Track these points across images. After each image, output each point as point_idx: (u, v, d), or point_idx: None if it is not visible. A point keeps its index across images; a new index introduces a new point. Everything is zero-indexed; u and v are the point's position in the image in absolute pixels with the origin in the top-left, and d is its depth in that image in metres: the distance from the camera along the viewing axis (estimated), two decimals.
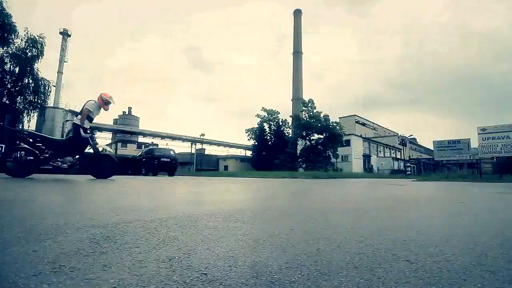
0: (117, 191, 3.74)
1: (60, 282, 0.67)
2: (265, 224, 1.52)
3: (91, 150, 6.10)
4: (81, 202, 2.43)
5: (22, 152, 5.58)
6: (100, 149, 6.39)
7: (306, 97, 42.74)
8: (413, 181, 15.06)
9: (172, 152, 17.08)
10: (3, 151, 16.96)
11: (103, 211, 1.79)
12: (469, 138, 17.44)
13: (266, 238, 1.19)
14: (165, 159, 15.97)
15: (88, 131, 5.90)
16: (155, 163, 15.54)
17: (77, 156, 6.07)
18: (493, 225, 1.75)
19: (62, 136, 39.28)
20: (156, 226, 1.36)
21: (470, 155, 17.49)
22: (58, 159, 5.85)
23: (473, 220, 1.92)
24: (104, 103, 5.76)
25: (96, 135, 6.44)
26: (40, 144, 5.69)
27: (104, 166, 6.18)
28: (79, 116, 5.91)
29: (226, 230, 1.33)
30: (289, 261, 0.88)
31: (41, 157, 5.59)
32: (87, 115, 5.78)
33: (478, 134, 16.34)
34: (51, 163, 5.81)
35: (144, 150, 18.78)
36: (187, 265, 0.81)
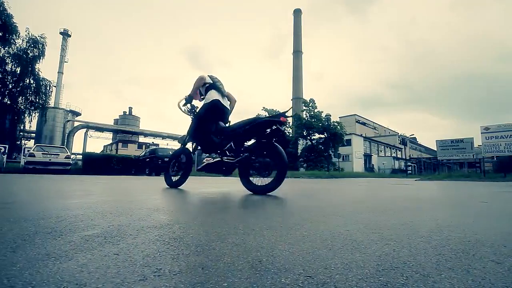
0: (139, 189, 3.71)
1: (174, 286, 0.65)
2: (314, 224, 1.50)
3: None
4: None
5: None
6: None
7: (306, 97, 42.76)
8: (416, 180, 15.10)
9: None
10: (6, 151, 16.93)
11: (145, 212, 1.78)
12: (472, 137, 17.49)
13: (330, 239, 1.17)
14: None
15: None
16: (159, 163, 15.50)
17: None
18: None
19: (63, 137, 39.13)
20: (210, 228, 1.34)
21: (473, 154, 17.51)
22: None
23: None
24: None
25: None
26: None
27: None
28: None
29: (283, 230, 1.31)
30: (378, 263, 0.86)
31: None
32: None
33: (481, 133, 16.39)
34: None
35: (147, 150, 18.73)
36: (283, 267, 0.80)
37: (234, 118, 4.16)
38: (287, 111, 3.43)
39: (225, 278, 0.70)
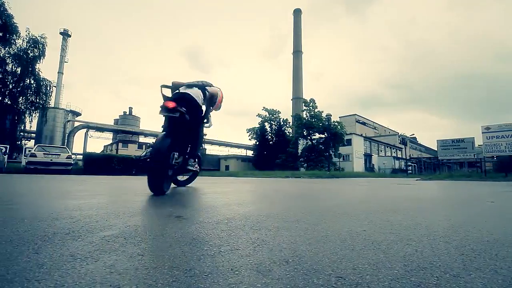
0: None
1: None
2: (328, 224, 1.50)
3: None
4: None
5: None
6: None
7: (306, 97, 42.83)
8: (417, 180, 15.08)
9: None
10: (7, 151, 16.89)
11: (157, 212, 1.77)
12: (473, 137, 17.50)
13: (350, 240, 1.17)
14: None
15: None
16: None
17: None
18: None
19: (63, 137, 39.06)
20: (227, 228, 1.34)
21: (474, 154, 17.52)
22: None
23: None
24: None
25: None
26: None
27: None
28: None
29: (300, 230, 1.31)
30: (405, 264, 0.86)
31: None
32: None
33: (482, 133, 16.40)
34: None
35: (148, 150, 18.66)
36: (311, 268, 0.79)
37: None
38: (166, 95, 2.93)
39: (258, 279, 0.70)
